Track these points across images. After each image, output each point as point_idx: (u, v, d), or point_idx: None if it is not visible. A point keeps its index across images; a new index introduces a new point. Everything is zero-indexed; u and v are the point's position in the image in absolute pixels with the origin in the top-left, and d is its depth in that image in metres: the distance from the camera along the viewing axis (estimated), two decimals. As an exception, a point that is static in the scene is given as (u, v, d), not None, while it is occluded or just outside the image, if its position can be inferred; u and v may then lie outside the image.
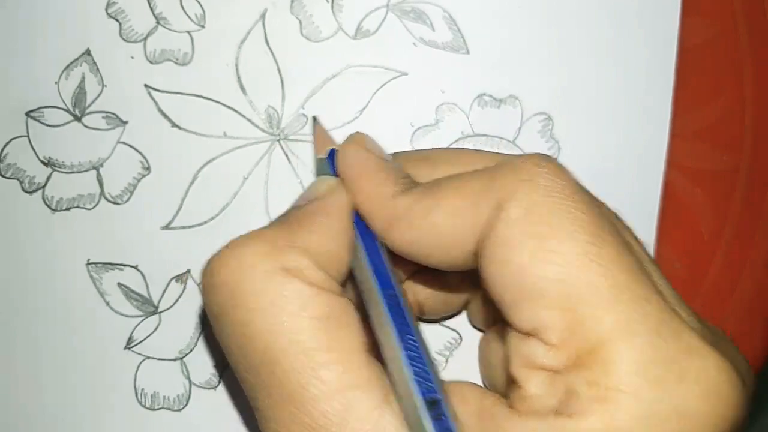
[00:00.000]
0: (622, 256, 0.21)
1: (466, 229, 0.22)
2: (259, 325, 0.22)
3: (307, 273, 0.22)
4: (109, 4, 0.32)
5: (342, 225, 0.24)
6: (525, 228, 0.21)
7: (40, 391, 0.32)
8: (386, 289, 0.23)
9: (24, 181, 0.32)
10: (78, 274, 0.32)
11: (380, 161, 0.25)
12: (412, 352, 0.22)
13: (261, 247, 0.22)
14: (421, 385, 0.21)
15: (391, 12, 0.33)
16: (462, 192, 0.23)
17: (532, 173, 0.22)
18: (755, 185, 0.34)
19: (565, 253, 0.20)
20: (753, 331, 0.34)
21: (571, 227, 0.21)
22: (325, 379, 0.21)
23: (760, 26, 0.34)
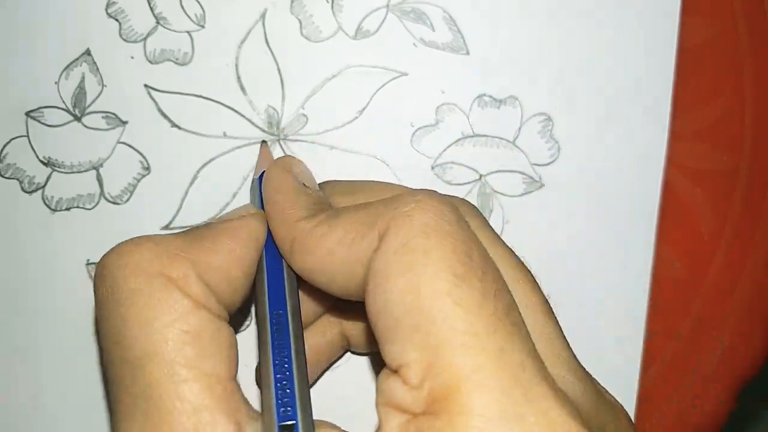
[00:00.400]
0: (485, 301, 0.20)
1: (353, 260, 0.22)
2: (131, 326, 0.22)
3: (189, 286, 0.22)
4: (109, 4, 0.32)
5: (244, 251, 0.24)
6: (398, 262, 0.21)
7: (40, 391, 0.32)
8: (275, 309, 0.24)
9: (24, 181, 0.32)
10: (78, 274, 0.32)
11: (297, 186, 0.26)
12: (281, 373, 0.22)
13: (151, 249, 0.23)
14: (280, 408, 0.21)
15: (391, 12, 0.33)
16: (350, 222, 0.23)
17: (412, 209, 0.22)
18: (755, 185, 0.34)
19: (430, 291, 0.20)
20: (753, 331, 0.34)
21: (439, 266, 0.20)
22: (183, 395, 0.21)
23: (760, 26, 0.34)
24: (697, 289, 0.34)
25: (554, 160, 0.33)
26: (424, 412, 0.20)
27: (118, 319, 0.22)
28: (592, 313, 0.33)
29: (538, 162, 0.33)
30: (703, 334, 0.34)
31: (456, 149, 0.33)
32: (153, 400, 0.21)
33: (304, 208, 0.25)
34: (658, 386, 0.34)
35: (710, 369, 0.34)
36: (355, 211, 0.23)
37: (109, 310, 0.22)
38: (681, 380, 0.34)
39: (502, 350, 0.20)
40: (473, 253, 0.21)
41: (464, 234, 0.21)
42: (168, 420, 0.21)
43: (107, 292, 0.23)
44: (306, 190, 0.26)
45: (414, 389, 0.20)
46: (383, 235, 0.22)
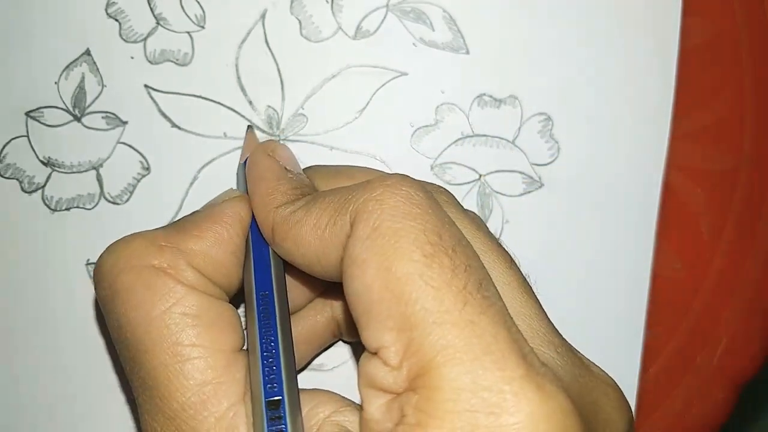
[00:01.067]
0: (455, 277, 0.20)
1: (328, 244, 0.23)
2: (132, 318, 0.23)
3: (181, 272, 0.24)
4: (109, 4, 0.32)
5: (231, 233, 0.25)
6: (370, 247, 0.21)
7: (40, 391, 0.32)
8: (260, 290, 0.25)
9: (24, 181, 0.32)
10: (78, 274, 0.32)
11: (279, 171, 0.27)
12: (267, 351, 0.23)
13: (140, 244, 0.24)
14: (266, 384, 0.22)
15: (390, 12, 0.33)
16: (323, 207, 0.23)
17: (383, 194, 0.22)
18: (755, 185, 0.34)
19: (402, 274, 0.20)
20: (753, 331, 0.34)
21: (407, 247, 0.21)
22: (188, 373, 0.22)
23: (760, 26, 0.34)
24: (697, 289, 0.34)
25: (554, 160, 0.33)
26: (405, 390, 0.20)
27: (120, 314, 0.23)
28: (592, 313, 0.33)
29: (538, 162, 0.33)
30: (703, 334, 0.34)
31: (456, 149, 0.33)
32: (160, 380, 0.22)
33: (284, 194, 0.25)
34: (658, 386, 0.34)
35: (710, 369, 0.34)
36: (329, 196, 0.23)
37: (111, 307, 0.24)
38: (681, 380, 0.34)
39: (472, 323, 0.20)
40: (443, 232, 0.21)
41: (434, 215, 0.22)
42: (176, 397, 0.22)
43: (106, 291, 0.24)
44: (287, 175, 0.26)
45: (394, 370, 0.20)
46: (354, 220, 0.22)
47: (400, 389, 0.20)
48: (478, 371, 0.19)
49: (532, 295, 0.24)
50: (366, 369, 0.21)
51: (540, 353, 0.22)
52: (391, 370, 0.20)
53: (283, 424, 0.21)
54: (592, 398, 0.22)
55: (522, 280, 0.25)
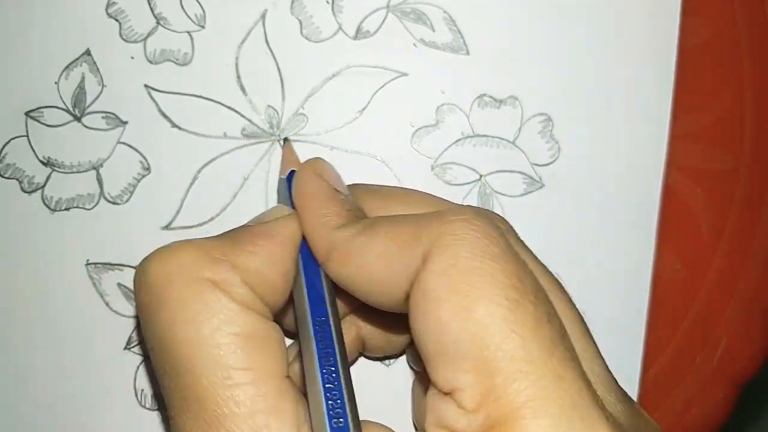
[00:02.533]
0: (540, 327, 0.20)
1: (395, 273, 0.22)
2: (180, 333, 0.22)
3: (235, 289, 0.22)
4: (109, 4, 0.32)
5: (283, 252, 0.24)
6: (447, 283, 0.20)
7: (40, 391, 0.32)
8: (316, 316, 0.23)
9: (23, 181, 0.32)
10: (77, 274, 0.32)
11: (330, 191, 0.26)
12: (329, 383, 0.22)
13: (193, 254, 0.22)
14: (332, 419, 0.21)
15: (391, 13, 0.33)
16: (392, 236, 0.22)
17: (460, 228, 0.21)
18: (755, 185, 0.34)
19: (484, 316, 0.20)
20: (753, 331, 0.34)
21: (491, 289, 0.20)
22: (239, 399, 0.21)
23: (760, 26, 0.34)
24: (697, 289, 0.34)
25: (554, 160, 0.33)
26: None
27: (165, 326, 0.22)
28: (592, 313, 0.33)
29: (538, 162, 0.33)
30: (703, 334, 0.34)
31: (456, 149, 0.33)
32: (207, 405, 0.21)
33: (340, 216, 0.24)
34: (658, 386, 0.34)
35: (710, 369, 0.34)
36: (396, 224, 0.23)
37: (155, 316, 0.22)
38: (681, 380, 0.34)
39: (559, 377, 0.19)
40: (524, 276, 0.21)
41: (513, 256, 0.21)
42: (225, 423, 0.21)
43: (152, 299, 0.22)
44: (339, 196, 0.25)
45: (469, 414, 0.20)
46: (429, 252, 0.21)
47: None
48: (566, 426, 0.19)
49: (590, 335, 0.24)
50: (436, 409, 0.21)
51: (605, 401, 0.22)
52: (466, 414, 0.20)
53: None
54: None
55: (580, 318, 0.24)
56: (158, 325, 0.22)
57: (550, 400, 0.19)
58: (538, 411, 0.19)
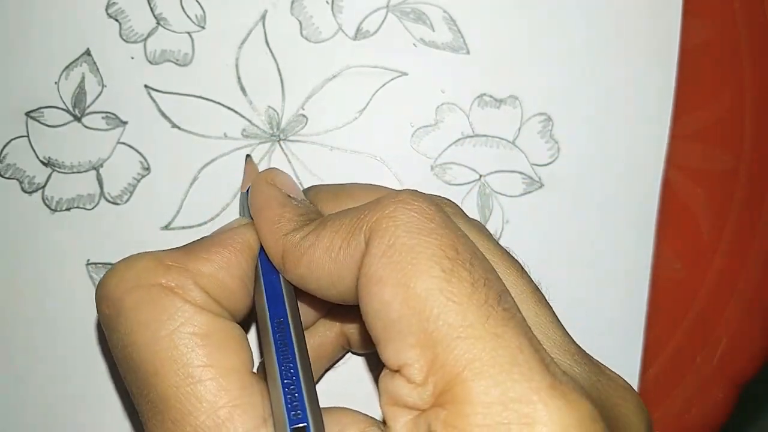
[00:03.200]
0: (476, 291, 0.20)
1: (342, 265, 0.23)
2: (140, 338, 0.22)
3: (188, 293, 0.23)
4: (109, 5, 0.32)
5: (238, 257, 0.25)
6: (386, 264, 0.21)
7: (40, 391, 0.32)
8: (275, 316, 0.24)
9: (24, 181, 0.32)
10: (78, 274, 0.32)
11: (282, 198, 0.26)
12: (287, 378, 0.22)
13: (147, 263, 0.24)
14: (290, 412, 0.21)
15: (391, 13, 0.33)
16: (336, 229, 0.23)
17: (396, 210, 0.22)
18: (755, 185, 0.34)
19: (421, 290, 0.20)
20: (753, 331, 0.34)
21: (427, 263, 0.21)
22: (201, 395, 0.22)
23: (760, 26, 0.34)
24: (697, 289, 0.34)
25: (554, 160, 0.33)
26: (431, 406, 0.20)
27: (125, 333, 0.23)
28: (592, 313, 0.33)
29: (538, 162, 0.33)
30: (703, 334, 0.34)
31: (456, 149, 0.33)
32: (171, 404, 0.22)
33: (291, 221, 0.25)
34: (658, 386, 0.34)
35: (710, 369, 0.34)
36: (340, 219, 0.23)
37: (115, 326, 0.23)
38: (681, 380, 0.34)
39: (496, 336, 0.20)
40: (459, 246, 0.21)
41: (448, 229, 0.22)
42: (189, 420, 0.21)
43: (111, 310, 0.23)
44: (292, 202, 0.26)
45: (419, 387, 0.20)
46: (369, 238, 0.22)
47: (425, 405, 0.20)
48: (507, 383, 0.19)
49: (546, 303, 0.25)
50: (388, 387, 0.21)
51: (559, 362, 0.22)
52: (416, 387, 0.20)
53: None
54: (612, 403, 0.22)
55: (534, 288, 0.25)
56: (119, 334, 0.23)
57: (490, 361, 0.19)
58: (477, 372, 0.19)
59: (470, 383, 0.19)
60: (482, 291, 0.21)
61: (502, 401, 0.19)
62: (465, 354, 0.20)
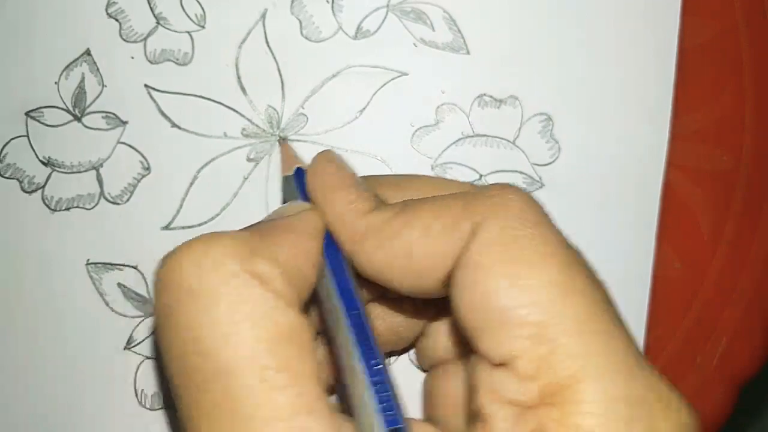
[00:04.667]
0: (590, 289, 0.20)
1: (439, 252, 0.21)
2: (213, 330, 0.20)
3: (276, 284, 0.20)
4: (109, 4, 0.32)
5: (310, 244, 0.23)
6: (498, 252, 0.20)
7: (40, 391, 0.32)
8: (351, 310, 0.22)
9: (24, 181, 0.32)
10: (78, 274, 0.32)
11: (352, 178, 0.25)
12: (377, 377, 0.21)
13: (232, 245, 0.20)
14: (385, 413, 0.20)
15: (391, 12, 0.33)
16: (438, 212, 0.22)
17: (507, 200, 0.21)
18: (755, 185, 0.34)
19: (537, 281, 0.20)
20: (753, 331, 0.34)
21: (542, 256, 0.20)
22: (279, 401, 0.19)
23: (760, 26, 0.34)
24: (697, 289, 0.34)
25: (554, 160, 0.33)
26: (538, 403, 0.19)
27: (195, 324, 0.20)
28: (592, 313, 0.33)
29: (538, 162, 0.33)
30: (703, 334, 0.34)
31: (456, 149, 0.33)
32: (243, 409, 0.19)
33: (369, 200, 0.24)
34: (658, 386, 0.34)
35: (710, 369, 0.34)
36: (438, 203, 0.22)
37: (182, 314, 0.20)
38: (681, 380, 0.34)
39: (611, 336, 0.20)
40: (569, 242, 0.21)
41: (555, 226, 0.21)
42: (263, 428, 0.19)
43: (179, 295, 0.20)
44: (363, 183, 0.25)
45: (526, 381, 0.20)
46: (477, 226, 0.21)
47: (530, 402, 0.19)
48: (625, 382, 0.19)
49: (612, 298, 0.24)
50: (488, 381, 0.20)
51: None
52: (522, 382, 0.20)
53: None
54: None
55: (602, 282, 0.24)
56: (185, 325, 0.20)
57: (606, 360, 0.19)
58: (595, 370, 0.19)
59: (588, 383, 0.19)
60: (597, 288, 0.20)
61: (622, 400, 0.19)
62: (582, 351, 0.19)
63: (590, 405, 0.19)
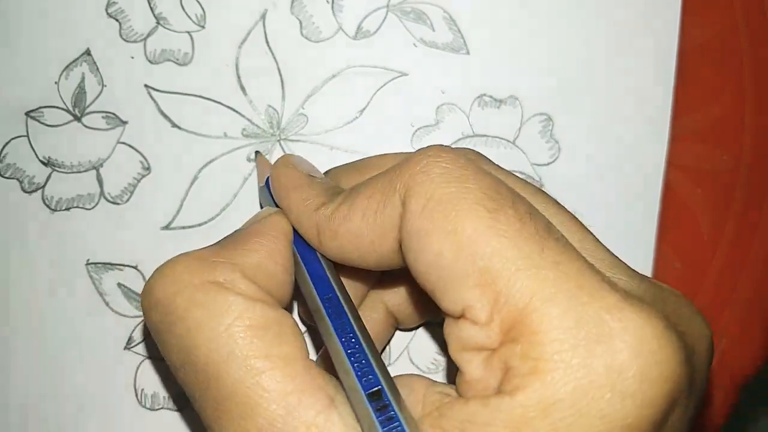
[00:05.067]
0: (524, 224, 0.21)
1: (381, 228, 0.23)
2: (196, 338, 0.22)
3: (238, 285, 0.23)
4: (109, 4, 0.32)
5: (277, 245, 0.25)
6: (429, 216, 0.21)
7: (40, 391, 0.32)
8: (324, 294, 0.24)
9: (24, 181, 0.32)
10: (78, 274, 0.32)
11: (304, 178, 0.27)
12: (351, 348, 0.22)
13: (191, 263, 0.23)
14: (361, 378, 0.22)
15: (391, 12, 0.33)
16: (368, 194, 0.23)
17: (428, 164, 0.22)
18: (755, 185, 0.34)
19: (470, 231, 0.21)
20: (753, 331, 0.34)
21: (470, 207, 0.21)
22: (266, 386, 0.21)
23: (760, 26, 0.34)
24: (697, 289, 0.34)
25: (554, 160, 0.33)
26: (502, 343, 0.20)
27: (181, 336, 0.22)
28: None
29: (538, 162, 0.33)
30: (703, 334, 0.34)
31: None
32: (239, 398, 0.21)
33: (318, 196, 0.25)
34: (658, 386, 0.34)
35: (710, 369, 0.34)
36: (370, 184, 0.24)
37: (169, 330, 0.23)
38: (681, 380, 0.34)
39: (556, 263, 0.20)
40: (498, 187, 0.22)
41: (482, 174, 0.22)
42: (259, 412, 0.21)
43: (163, 316, 0.23)
44: (315, 180, 0.27)
45: (485, 326, 0.20)
46: (405, 197, 0.22)
47: (494, 344, 0.20)
48: (577, 307, 0.19)
49: (585, 228, 0.25)
50: (454, 334, 0.21)
51: (618, 281, 0.22)
52: (482, 327, 0.20)
53: (392, 411, 0.21)
54: (677, 315, 0.22)
55: (571, 215, 0.25)
56: (175, 338, 0.23)
57: (555, 288, 0.20)
58: (545, 300, 0.20)
59: (541, 312, 0.19)
60: (530, 224, 0.21)
61: (576, 324, 0.19)
62: (529, 285, 0.20)
63: (548, 333, 0.19)
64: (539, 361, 0.19)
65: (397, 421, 0.21)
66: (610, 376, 0.19)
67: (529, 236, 0.20)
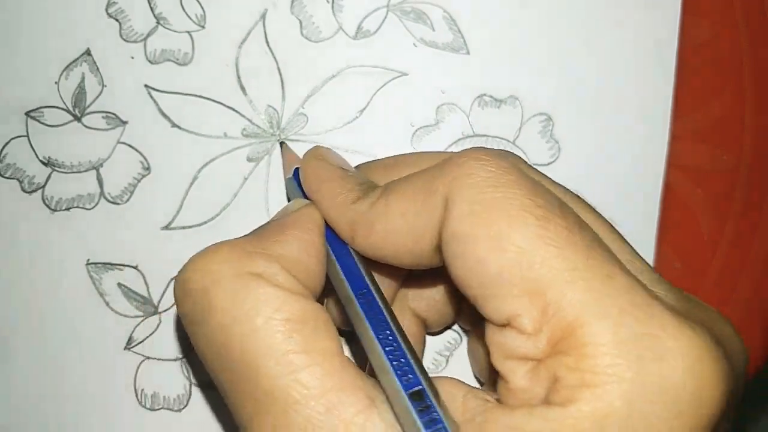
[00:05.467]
0: (573, 234, 0.20)
1: (419, 228, 0.23)
2: (233, 330, 0.21)
3: (277, 278, 0.22)
4: (109, 4, 0.32)
5: (311, 237, 0.24)
6: (475, 221, 0.21)
7: (39, 391, 0.32)
8: (358, 289, 0.24)
9: (24, 181, 0.32)
10: (78, 274, 0.32)
11: (339, 171, 0.26)
12: (390, 346, 0.22)
13: (229, 253, 0.22)
14: (401, 377, 0.21)
15: (391, 12, 0.33)
16: (408, 193, 0.23)
17: (472, 167, 0.22)
18: (755, 185, 0.34)
19: (519, 239, 0.20)
20: (753, 331, 0.34)
21: (518, 214, 0.21)
22: (306, 382, 0.21)
23: (760, 26, 0.34)
24: (697, 289, 0.34)
25: (554, 160, 0.33)
26: (549, 354, 0.20)
27: (217, 328, 0.22)
28: (592, 313, 0.33)
29: (538, 162, 0.33)
30: (703, 334, 0.34)
31: (456, 149, 0.33)
32: (277, 395, 0.21)
33: (353, 191, 0.25)
34: (658, 386, 0.34)
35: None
36: (410, 182, 0.23)
37: (204, 322, 0.22)
38: (681, 380, 0.34)
39: (607, 277, 0.20)
40: (544, 194, 0.21)
41: (529, 180, 0.22)
42: (297, 409, 0.20)
43: (197, 306, 0.22)
44: (348, 173, 0.26)
45: (532, 336, 0.20)
46: (448, 198, 0.22)
47: (541, 354, 0.20)
48: (630, 323, 0.19)
49: (622, 237, 0.25)
50: (498, 342, 0.21)
51: (662, 295, 0.22)
52: (529, 337, 0.20)
53: (434, 412, 0.20)
54: (720, 332, 0.22)
55: (610, 225, 0.25)
56: (210, 330, 0.22)
57: (606, 302, 0.19)
58: (596, 314, 0.19)
59: (592, 326, 0.19)
60: (578, 234, 0.21)
61: (629, 340, 0.19)
62: (579, 297, 0.19)
63: (599, 346, 0.19)
64: (591, 373, 0.19)
65: (440, 423, 0.20)
66: (664, 393, 0.19)
67: (578, 247, 0.20)
